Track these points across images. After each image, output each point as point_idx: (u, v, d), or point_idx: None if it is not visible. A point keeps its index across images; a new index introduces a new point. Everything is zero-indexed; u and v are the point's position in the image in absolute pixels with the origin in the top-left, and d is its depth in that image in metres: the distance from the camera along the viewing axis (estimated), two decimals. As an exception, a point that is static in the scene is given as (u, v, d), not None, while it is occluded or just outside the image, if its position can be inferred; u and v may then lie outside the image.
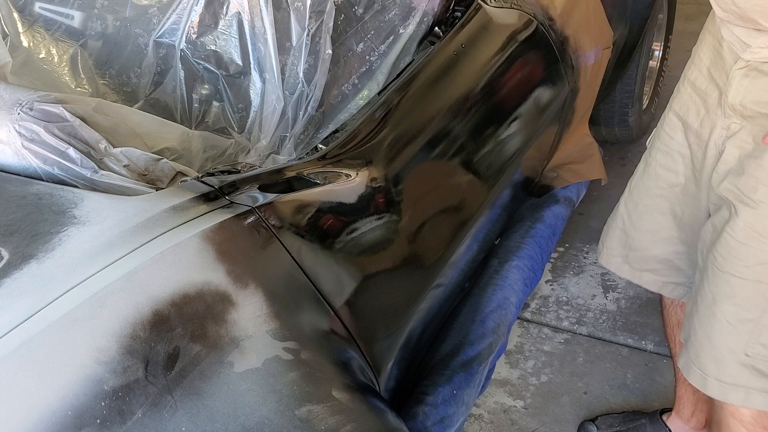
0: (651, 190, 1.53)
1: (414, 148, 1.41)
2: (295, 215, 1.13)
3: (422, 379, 1.47)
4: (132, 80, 1.47)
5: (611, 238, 1.64)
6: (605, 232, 1.67)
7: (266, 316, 0.99)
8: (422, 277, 1.40)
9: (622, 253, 1.63)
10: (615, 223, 1.63)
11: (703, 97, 1.38)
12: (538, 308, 2.31)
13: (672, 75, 3.32)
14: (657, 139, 1.52)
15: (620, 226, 1.61)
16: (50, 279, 0.91)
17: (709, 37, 1.40)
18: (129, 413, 0.85)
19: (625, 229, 1.60)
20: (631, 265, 1.62)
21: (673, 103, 1.48)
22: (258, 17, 1.36)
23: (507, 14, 1.74)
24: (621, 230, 1.61)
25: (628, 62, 2.48)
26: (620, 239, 1.62)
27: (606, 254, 1.66)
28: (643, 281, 1.64)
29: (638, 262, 1.61)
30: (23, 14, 1.53)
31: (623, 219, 1.60)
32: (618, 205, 1.63)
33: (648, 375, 2.06)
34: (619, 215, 1.61)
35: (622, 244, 1.62)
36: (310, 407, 0.95)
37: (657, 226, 1.54)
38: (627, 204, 1.60)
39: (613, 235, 1.63)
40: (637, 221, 1.57)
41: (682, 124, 1.44)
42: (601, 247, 1.69)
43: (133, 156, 1.14)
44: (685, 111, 1.43)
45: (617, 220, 1.62)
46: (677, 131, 1.45)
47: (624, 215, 1.60)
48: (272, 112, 1.35)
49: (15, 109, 1.12)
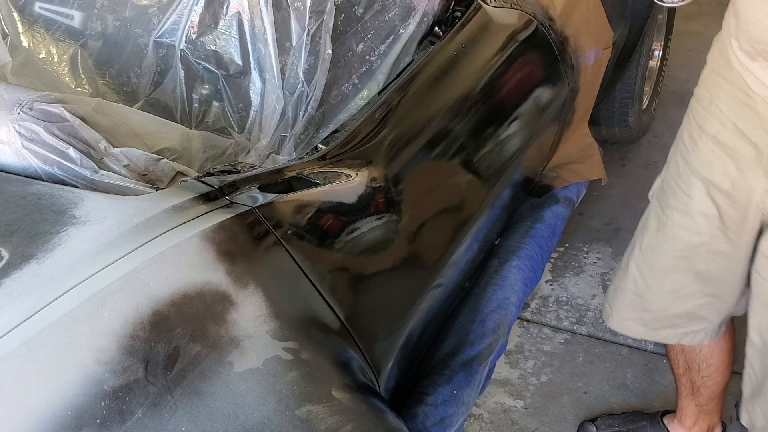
0: (668, 252, 1.40)
1: (414, 148, 1.41)
2: (295, 215, 1.13)
3: (422, 379, 1.47)
4: (132, 80, 1.47)
5: (621, 301, 1.52)
6: (613, 293, 1.55)
7: (266, 316, 0.99)
8: (422, 277, 1.40)
9: (636, 316, 1.51)
10: (625, 286, 1.50)
11: (733, 155, 1.25)
12: (538, 308, 2.31)
13: (672, 75, 3.32)
14: (670, 195, 1.38)
15: (632, 290, 1.49)
16: (50, 279, 0.91)
17: (727, 86, 1.25)
18: (129, 413, 0.85)
19: (638, 293, 1.48)
20: (646, 326, 1.51)
21: (688, 158, 1.34)
22: (258, 17, 1.36)
23: (507, 14, 1.74)
24: (633, 294, 1.49)
25: (628, 62, 2.48)
26: (633, 303, 1.50)
27: (616, 318, 1.54)
28: (660, 337, 1.53)
29: (655, 323, 1.50)
30: (23, 14, 1.53)
31: (635, 282, 1.48)
32: (626, 265, 1.51)
33: (648, 375, 2.06)
34: (630, 277, 1.48)
35: (636, 308, 1.50)
36: (310, 407, 0.95)
37: (677, 286, 1.43)
38: (639, 266, 1.47)
39: (623, 298, 1.51)
40: (654, 284, 1.45)
41: (702, 183, 1.31)
42: (608, 311, 1.56)
43: (133, 156, 1.14)
44: (708, 169, 1.30)
45: (627, 282, 1.49)
46: (696, 190, 1.32)
47: (636, 277, 1.47)
48: (272, 112, 1.35)
49: (15, 109, 1.12)
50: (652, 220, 1.46)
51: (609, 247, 2.50)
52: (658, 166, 2.90)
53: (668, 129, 3.04)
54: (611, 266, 2.42)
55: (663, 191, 1.43)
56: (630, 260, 1.50)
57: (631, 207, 2.66)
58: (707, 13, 4.03)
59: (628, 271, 1.50)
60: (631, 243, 1.55)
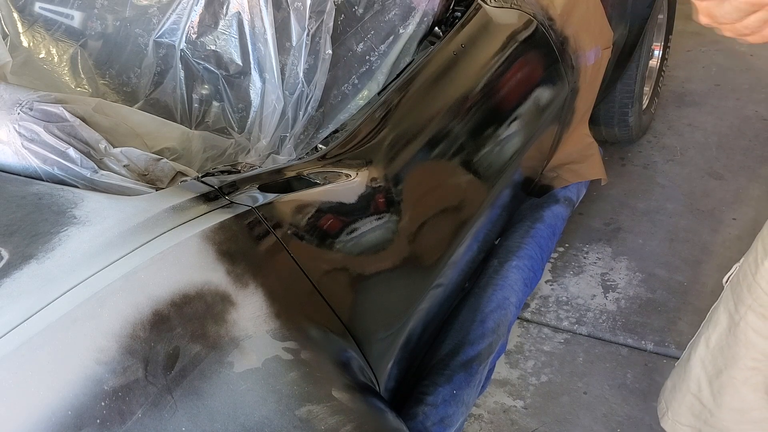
0: (740, 359, 1.22)
1: (414, 148, 1.41)
2: (295, 215, 1.13)
3: (422, 379, 1.47)
4: (132, 80, 1.47)
5: (680, 402, 1.34)
6: (670, 390, 1.38)
7: (266, 316, 0.99)
8: (422, 277, 1.40)
9: (694, 424, 1.33)
10: (687, 386, 1.32)
11: None
12: (538, 308, 2.31)
13: (672, 75, 3.32)
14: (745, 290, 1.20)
15: (694, 392, 1.31)
16: (50, 279, 0.91)
17: None
18: (129, 413, 0.85)
19: (701, 398, 1.30)
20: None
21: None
22: (258, 17, 1.36)
23: (507, 14, 1.74)
24: (695, 397, 1.31)
25: (628, 62, 2.48)
26: (693, 408, 1.33)
27: (671, 420, 1.37)
28: None
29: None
30: (23, 14, 1.53)
31: (699, 384, 1.30)
32: (688, 359, 1.33)
33: (648, 375, 2.06)
34: (694, 378, 1.31)
35: (695, 415, 1.32)
36: (310, 407, 0.95)
37: (746, 405, 1.24)
38: (705, 366, 1.28)
39: (682, 399, 1.34)
40: (719, 394, 1.27)
41: None
42: (663, 408, 1.40)
43: (133, 156, 1.14)
44: None
45: (690, 382, 1.32)
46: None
47: (701, 380, 1.29)
48: (272, 112, 1.35)
49: (15, 109, 1.12)
50: (723, 315, 1.26)
51: (609, 247, 2.51)
52: (658, 166, 2.91)
53: (668, 129, 3.05)
54: (611, 266, 2.42)
55: (738, 282, 1.22)
56: (694, 355, 1.31)
57: (631, 207, 2.66)
58: (707, 13, 4.03)
59: (690, 369, 1.32)
60: (696, 335, 1.36)
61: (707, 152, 2.89)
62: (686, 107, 3.15)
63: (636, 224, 2.58)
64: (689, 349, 1.37)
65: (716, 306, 1.30)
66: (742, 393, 1.23)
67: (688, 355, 1.35)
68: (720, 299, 1.29)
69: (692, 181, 2.75)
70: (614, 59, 2.28)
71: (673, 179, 2.77)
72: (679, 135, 2.99)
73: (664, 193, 2.71)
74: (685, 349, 1.41)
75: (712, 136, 2.97)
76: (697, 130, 3.01)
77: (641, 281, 2.35)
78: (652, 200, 2.68)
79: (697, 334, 1.36)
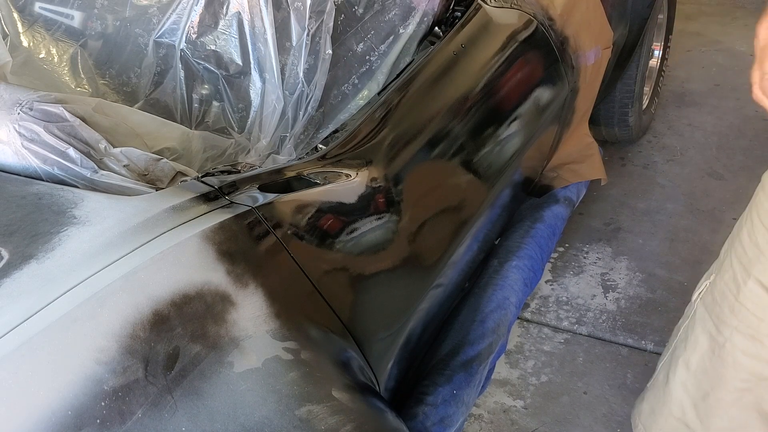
0: (729, 381, 1.18)
1: (414, 148, 1.41)
2: (295, 215, 1.13)
3: (422, 379, 1.47)
4: (132, 80, 1.47)
5: (661, 427, 1.28)
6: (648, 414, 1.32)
7: (266, 316, 0.99)
8: (422, 277, 1.40)
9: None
10: (669, 410, 1.27)
11: None
12: (538, 308, 2.31)
13: (672, 75, 3.32)
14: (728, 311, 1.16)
15: (677, 416, 1.26)
16: (50, 279, 0.91)
17: None
18: (129, 413, 0.85)
19: (686, 422, 1.25)
20: None
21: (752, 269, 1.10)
22: (258, 17, 1.36)
23: (507, 14, 1.74)
24: (679, 421, 1.26)
25: (628, 62, 2.48)
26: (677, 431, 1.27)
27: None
28: None
29: None
30: (23, 14, 1.53)
31: (683, 408, 1.25)
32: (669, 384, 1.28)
33: (648, 375, 2.06)
34: (676, 401, 1.26)
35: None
36: (310, 407, 0.95)
37: (735, 425, 1.21)
38: (688, 389, 1.24)
39: (664, 423, 1.28)
40: (707, 417, 1.22)
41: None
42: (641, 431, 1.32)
43: (133, 156, 1.14)
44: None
45: (672, 406, 1.26)
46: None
47: (685, 403, 1.25)
48: (272, 112, 1.35)
49: (15, 109, 1.12)
50: (701, 336, 1.21)
51: (609, 247, 2.51)
52: (658, 166, 2.90)
53: (668, 129, 3.05)
54: (611, 266, 2.42)
55: (715, 301, 1.19)
56: (673, 378, 1.26)
57: (631, 207, 2.67)
58: (707, 13, 4.04)
59: (671, 392, 1.27)
60: (668, 354, 1.31)
61: (707, 152, 2.89)
62: (686, 107, 3.15)
63: (636, 224, 2.58)
64: (663, 370, 1.32)
65: (689, 325, 1.26)
66: (731, 414, 1.19)
67: (666, 378, 1.29)
68: (693, 318, 1.25)
69: (692, 181, 2.75)
70: (614, 59, 2.28)
71: (673, 179, 2.77)
72: (679, 135, 2.99)
73: (664, 193, 2.71)
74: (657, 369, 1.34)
75: (712, 136, 2.97)
76: (697, 130, 3.01)
77: (641, 281, 2.35)
78: (652, 200, 2.68)
79: (668, 353, 1.32)
